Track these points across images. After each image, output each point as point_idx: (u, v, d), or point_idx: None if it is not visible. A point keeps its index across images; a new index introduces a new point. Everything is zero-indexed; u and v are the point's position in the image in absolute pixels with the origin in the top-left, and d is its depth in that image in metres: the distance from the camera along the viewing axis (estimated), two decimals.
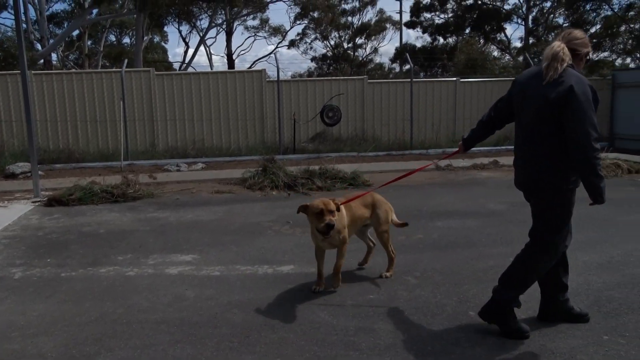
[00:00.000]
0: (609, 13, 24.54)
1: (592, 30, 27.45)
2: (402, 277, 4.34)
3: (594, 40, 25.12)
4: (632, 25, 23.91)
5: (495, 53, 35.40)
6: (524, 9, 30.53)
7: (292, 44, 40.64)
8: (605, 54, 26.02)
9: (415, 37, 55.75)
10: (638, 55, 23.59)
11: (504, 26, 32.59)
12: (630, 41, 24.38)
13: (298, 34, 42.69)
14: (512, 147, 3.56)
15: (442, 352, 3.10)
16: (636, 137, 13.33)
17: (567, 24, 27.80)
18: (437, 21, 35.65)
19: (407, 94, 13.25)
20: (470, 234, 5.65)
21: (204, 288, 4.16)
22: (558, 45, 3.10)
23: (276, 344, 3.21)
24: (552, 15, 30.74)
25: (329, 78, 14.97)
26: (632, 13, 23.89)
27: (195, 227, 6.13)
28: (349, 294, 4.00)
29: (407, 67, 36.38)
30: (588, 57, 3.26)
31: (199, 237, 5.68)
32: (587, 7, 24.24)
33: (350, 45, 41.18)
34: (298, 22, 38.09)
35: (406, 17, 36.96)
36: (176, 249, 5.24)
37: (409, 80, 13.40)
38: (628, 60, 26.82)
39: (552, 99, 3.01)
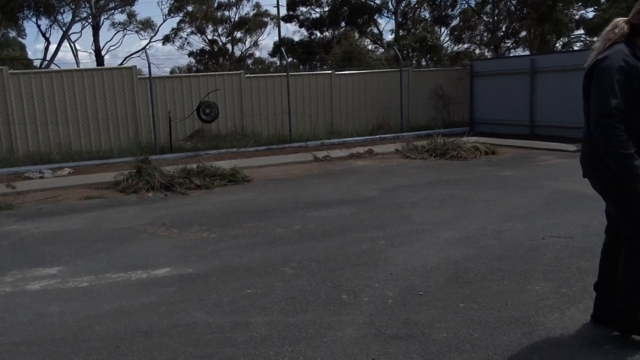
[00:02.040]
0: (466, 7, 26.68)
1: (453, 23, 29.67)
2: (280, 269, 4.42)
3: (455, 33, 27.16)
4: (487, 19, 26.17)
5: (370, 46, 36.98)
6: (393, 2, 32.12)
7: (167, 39, 39.20)
8: (466, 45, 28.24)
9: (294, 32, 56.50)
10: (492, 47, 25.86)
11: (376, 19, 34.13)
12: (486, 33, 26.68)
13: (173, 29, 41.20)
14: (386, 135, 3.64)
15: (315, 336, 3.21)
16: (491, 122, 14.67)
17: (431, 18, 29.79)
18: (313, 15, 36.40)
19: (285, 87, 13.40)
20: (345, 221, 5.88)
21: (70, 301, 3.92)
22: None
23: (149, 350, 3.13)
24: (419, 9, 32.68)
25: (205, 74, 14.67)
26: (488, 7, 26.16)
27: (61, 237, 5.73)
28: (225, 290, 3.99)
29: (288, 60, 36.73)
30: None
31: (65, 247, 5.32)
32: (445, 1, 26.09)
33: (229, 39, 40.66)
34: (172, 15, 36.81)
35: (283, 11, 37.24)
36: (39, 262, 4.87)
37: (285, 74, 13.55)
38: (486, 51, 29.39)
39: None
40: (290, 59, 37.58)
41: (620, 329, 3.01)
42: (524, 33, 27.03)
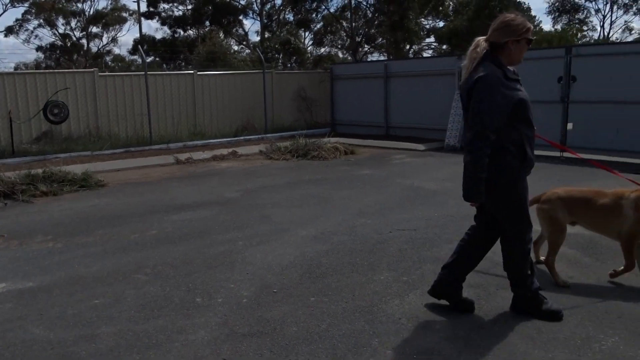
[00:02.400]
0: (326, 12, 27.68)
1: (316, 27, 30.59)
2: (132, 276, 4.25)
3: (317, 37, 28.03)
4: (346, 25, 27.37)
5: (236, 47, 36.77)
6: (258, 3, 32.27)
7: (11, 31, 35.57)
8: (328, 49, 29.27)
9: (156, 29, 54.11)
10: (351, 52, 27.11)
11: (242, 20, 34.03)
12: (345, 38, 27.88)
13: (17, 20, 37.37)
14: (251, 137, 3.67)
15: (166, 342, 3.15)
16: (351, 123, 15.39)
17: (295, 21, 30.44)
18: (176, 13, 35.29)
19: (144, 87, 12.83)
20: (204, 224, 5.82)
21: None
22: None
23: None
24: (284, 12, 33.21)
25: (54, 71, 13.50)
26: (347, 14, 27.37)
27: None
28: (70, 303, 3.75)
29: (150, 59, 35.17)
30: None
31: None
32: (307, 6, 26.84)
33: (83, 34, 37.93)
34: (16, 5, 33.46)
35: (144, 7, 35.55)
36: None
37: (144, 73, 12.99)
38: (348, 56, 30.74)
39: None
40: (152, 58, 36.12)
41: (514, 307, 3.44)
42: (381, 39, 28.76)
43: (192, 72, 14.72)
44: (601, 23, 38.16)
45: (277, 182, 8.22)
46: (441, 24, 29.65)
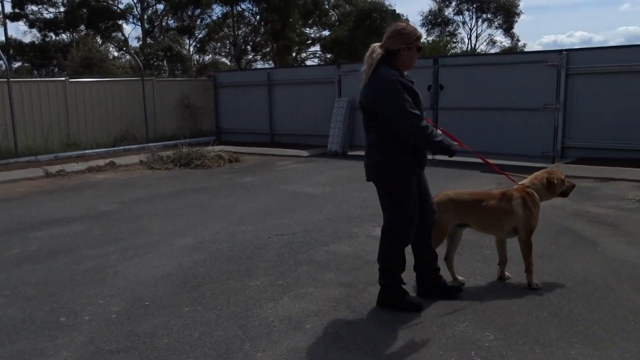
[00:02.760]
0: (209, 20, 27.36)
1: (201, 35, 30.08)
2: None
3: (198, 45, 27.58)
4: (228, 31, 27.22)
5: (115, 53, 35.01)
6: (138, 8, 31.02)
7: None
8: (212, 56, 28.92)
9: (24, 32, 49.89)
10: (235, 60, 27.02)
11: (122, 25, 32.49)
12: (229, 46, 27.74)
13: None
14: (131, 146, 3.53)
15: None
16: (237, 131, 15.34)
17: (177, 28, 29.68)
18: (46, 15, 32.82)
19: (7, 95, 11.80)
20: (73, 239, 5.50)
21: None
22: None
23: None
24: (166, 18, 32.23)
25: None
26: (229, 21, 27.23)
27: None
28: None
29: (17, 64, 32.33)
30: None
31: None
32: (190, 13, 26.36)
33: None
34: None
35: (9, 8, 32.61)
36: None
37: (6, 80, 11.95)
38: (233, 63, 30.57)
39: None
40: (19, 63, 33.27)
41: (380, 302, 3.62)
42: (268, 49, 28.99)
43: (63, 79, 13.80)
44: (469, 36, 41.50)
45: (157, 193, 7.98)
46: (327, 33, 30.57)
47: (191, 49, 31.15)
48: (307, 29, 29.90)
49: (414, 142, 3.35)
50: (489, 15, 38.70)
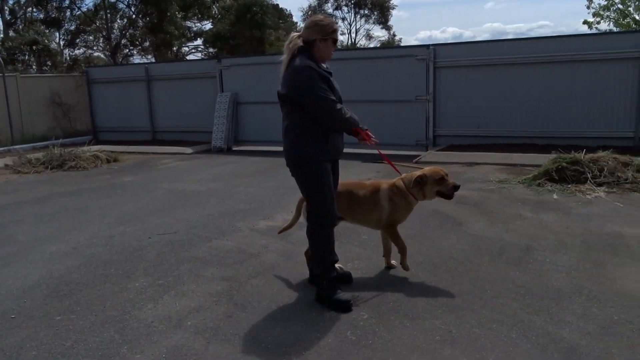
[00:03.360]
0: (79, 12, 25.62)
1: (71, 27, 28.07)
2: None
3: (68, 38, 25.77)
4: (101, 25, 25.70)
5: None
6: None
7: None
8: (84, 51, 27.12)
9: None
10: (110, 54, 25.63)
11: None
12: (102, 39, 26.21)
13: None
14: None
15: None
16: (115, 129, 14.59)
17: (43, 19, 27.43)
18: None
19: None
20: None
21: None
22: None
23: None
24: (31, 9, 29.61)
25: None
26: (101, 13, 25.68)
27: None
28: None
29: None
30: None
31: None
32: (56, 4, 24.51)
33: None
34: None
35: None
36: None
37: None
38: (109, 58, 28.89)
39: None
40: None
41: (323, 302, 3.55)
42: (146, 43, 27.73)
43: None
44: (348, 30, 42.82)
45: (23, 198, 7.39)
46: (209, 26, 29.92)
47: (61, 42, 28.96)
48: (188, 22, 29.06)
49: (330, 124, 3.45)
50: (366, 11, 40.22)
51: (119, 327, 3.34)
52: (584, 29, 26.74)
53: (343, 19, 41.52)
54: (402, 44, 40.23)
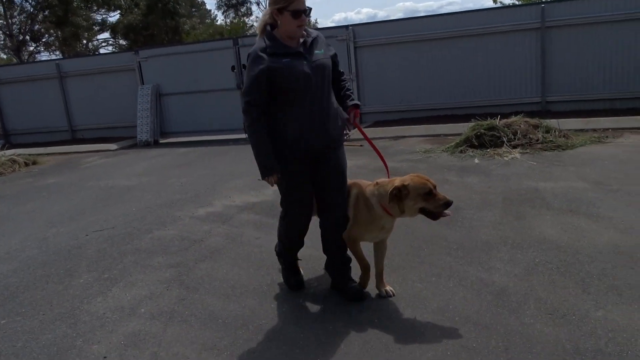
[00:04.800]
0: None
1: None
2: None
3: None
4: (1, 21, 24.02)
5: None
6: None
7: None
8: None
9: None
10: (13, 52, 24.05)
11: None
12: (3, 37, 24.53)
13: None
14: None
15: None
16: (30, 131, 13.83)
17: None
18: None
19: None
20: None
21: None
22: None
23: None
24: None
25: None
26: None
27: None
28: None
29: None
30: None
31: None
32: None
33: None
34: None
35: None
36: None
37: None
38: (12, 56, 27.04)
39: None
40: None
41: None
42: (52, 38, 26.20)
43: None
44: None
45: None
46: (117, 16, 28.66)
47: None
48: (92, 14, 27.66)
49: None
50: None
51: (71, 322, 3.31)
52: (490, 4, 28.13)
53: (258, 3, 41.16)
54: (318, 26, 40.48)
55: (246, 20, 37.29)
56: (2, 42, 26.65)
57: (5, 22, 23.37)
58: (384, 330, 2.90)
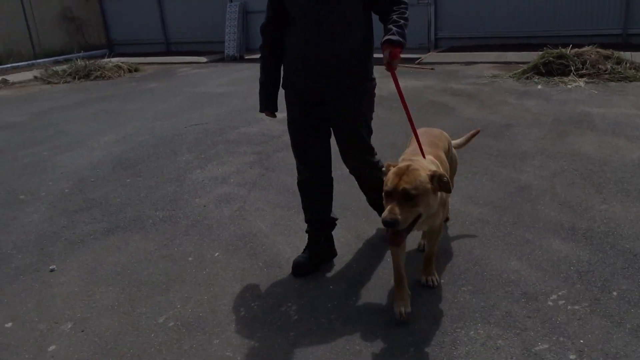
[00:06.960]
0: None
1: None
2: None
3: None
4: None
5: None
6: None
7: None
8: None
9: None
10: None
11: None
12: None
13: None
14: (20, 64, 3.94)
15: (3, 227, 3.64)
16: (131, 42, 15.11)
17: None
18: None
19: None
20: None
21: None
22: None
23: None
24: None
25: None
26: None
27: None
28: None
29: None
30: None
31: None
32: None
33: None
34: None
35: None
36: None
37: None
38: None
39: None
40: None
41: None
42: None
43: None
44: None
45: (64, 104, 8.24)
46: None
47: None
48: None
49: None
50: None
51: (178, 184, 4.30)
52: None
53: None
54: None
55: None
56: None
57: None
58: None
